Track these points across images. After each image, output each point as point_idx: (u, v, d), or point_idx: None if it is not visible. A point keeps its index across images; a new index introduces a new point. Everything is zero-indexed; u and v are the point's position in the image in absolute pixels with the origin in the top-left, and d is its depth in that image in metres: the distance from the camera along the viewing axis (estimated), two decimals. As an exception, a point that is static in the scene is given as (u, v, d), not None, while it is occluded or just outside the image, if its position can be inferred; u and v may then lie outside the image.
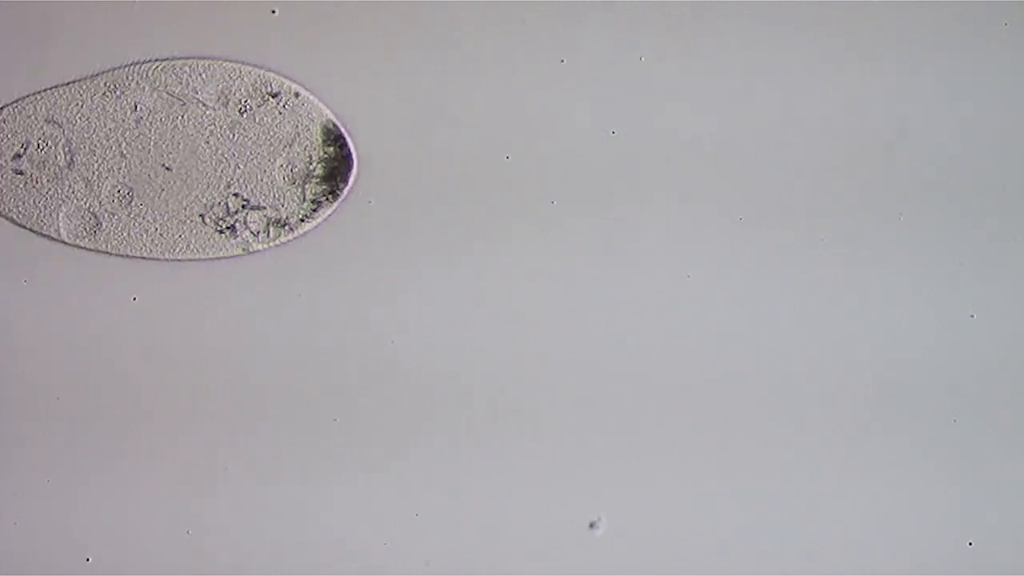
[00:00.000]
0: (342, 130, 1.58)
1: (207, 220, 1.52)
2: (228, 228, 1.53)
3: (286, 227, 1.54)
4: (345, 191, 1.58)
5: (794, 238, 1.61)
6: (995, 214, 1.61)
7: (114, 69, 1.58)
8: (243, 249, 1.54)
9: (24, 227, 1.58)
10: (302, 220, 1.57)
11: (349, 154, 1.59)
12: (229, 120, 1.55)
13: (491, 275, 1.62)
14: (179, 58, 1.58)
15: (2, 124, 1.59)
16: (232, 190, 1.52)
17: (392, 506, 1.61)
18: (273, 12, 1.58)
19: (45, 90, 1.59)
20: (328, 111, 1.59)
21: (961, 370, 1.61)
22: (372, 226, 1.60)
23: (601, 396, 1.61)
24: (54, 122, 1.53)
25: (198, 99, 1.49)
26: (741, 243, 1.61)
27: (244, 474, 1.61)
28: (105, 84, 1.55)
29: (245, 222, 1.52)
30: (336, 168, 1.57)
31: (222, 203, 1.51)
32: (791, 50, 1.62)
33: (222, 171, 1.56)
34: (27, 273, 1.60)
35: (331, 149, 1.56)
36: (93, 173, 1.56)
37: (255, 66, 1.58)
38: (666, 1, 1.62)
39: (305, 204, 1.55)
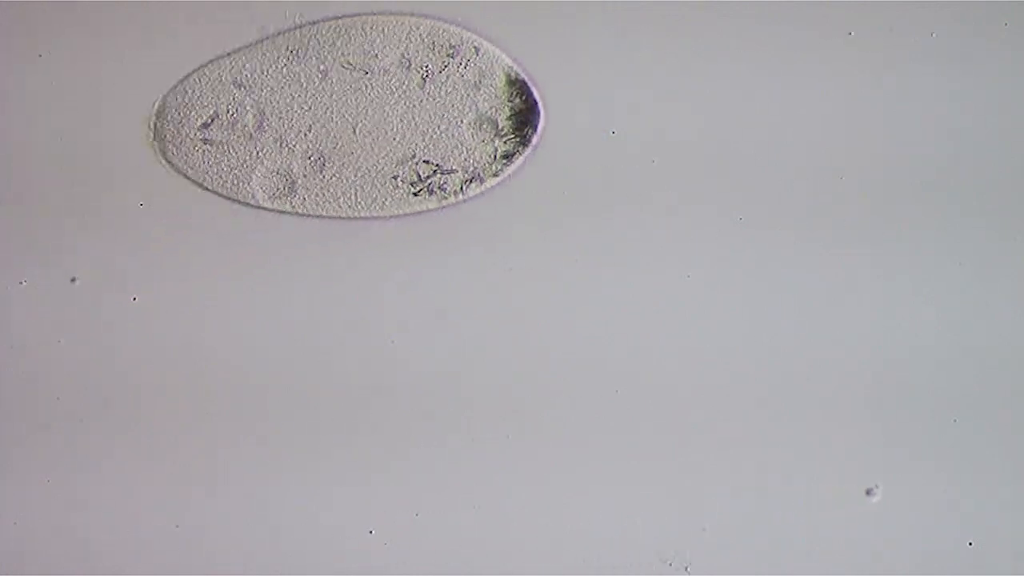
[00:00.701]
0: (525, 79, 1.57)
1: (399, 183, 1.51)
2: (422, 191, 1.53)
3: (476, 181, 1.53)
4: (534, 140, 1.57)
5: (794, 238, 1.61)
6: (995, 214, 1.61)
7: (292, 29, 1.58)
8: (439, 203, 1.54)
9: (218, 194, 1.58)
10: (494, 175, 1.56)
11: (535, 103, 1.59)
12: (412, 85, 1.54)
13: (490, 274, 1.62)
14: (356, 15, 1.58)
15: (190, 91, 1.59)
16: (422, 157, 1.52)
17: (392, 506, 1.61)
18: None
19: (228, 54, 1.59)
20: (509, 61, 1.58)
21: (961, 370, 1.61)
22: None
23: (601, 397, 1.61)
24: (242, 86, 1.53)
25: (381, 67, 1.48)
26: (741, 243, 1.61)
27: (244, 474, 1.61)
28: (288, 48, 1.54)
29: (440, 186, 1.51)
30: (524, 119, 1.56)
31: (412, 170, 1.51)
32: (791, 50, 1.62)
33: (409, 137, 1.55)
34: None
35: (517, 100, 1.55)
36: (283, 136, 1.55)
37: (432, 18, 1.57)
38: (668, 1, 1.62)
39: (496, 162, 1.54)
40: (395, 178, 1.52)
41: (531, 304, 1.62)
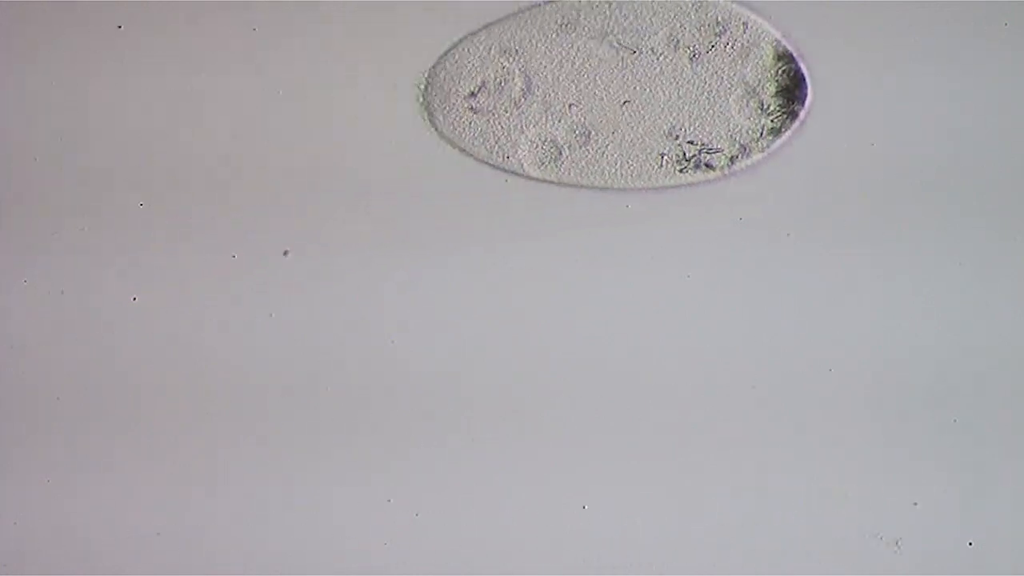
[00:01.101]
0: (793, 53, 1.56)
1: (665, 162, 1.51)
2: (687, 170, 1.52)
3: (743, 156, 1.52)
4: (801, 114, 1.56)
5: (794, 238, 1.61)
6: (995, 214, 1.61)
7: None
8: (703, 175, 1.53)
9: (486, 162, 1.58)
10: (761, 151, 1.55)
11: (803, 77, 1.58)
12: (679, 63, 1.53)
13: (491, 274, 1.62)
14: None
15: (459, 59, 1.59)
16: (686, 137, 1.51)
17: (392, 506, 1.61)
18: None
19: (497, 23, 1.59)
20: (777, 33, 1.58)
21: (961, 370, 1.61)
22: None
23: (600, 396, 1.61)
24: (510, 53, 1.53)
25: (649, 47, 1.47)
26: (741, 243, 1.61)
27: (244, 474, 1.61)
28: (558, 21, 1.54)
29: (706, 163, 1.50)
30: (792, 94, 1.55)
31: (678, 148, 1.50)
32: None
33: (675, 115, 1.55)
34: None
35: (784, 76, 1.54)
36: (549, 106, 1.55)
37: None
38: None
39: (763, 139, 1.53)
40: (662, 156, 1.51)
41: (533, 304, 1.62)
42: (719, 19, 1.55)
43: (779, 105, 1.55)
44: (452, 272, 1.61)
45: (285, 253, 1.56)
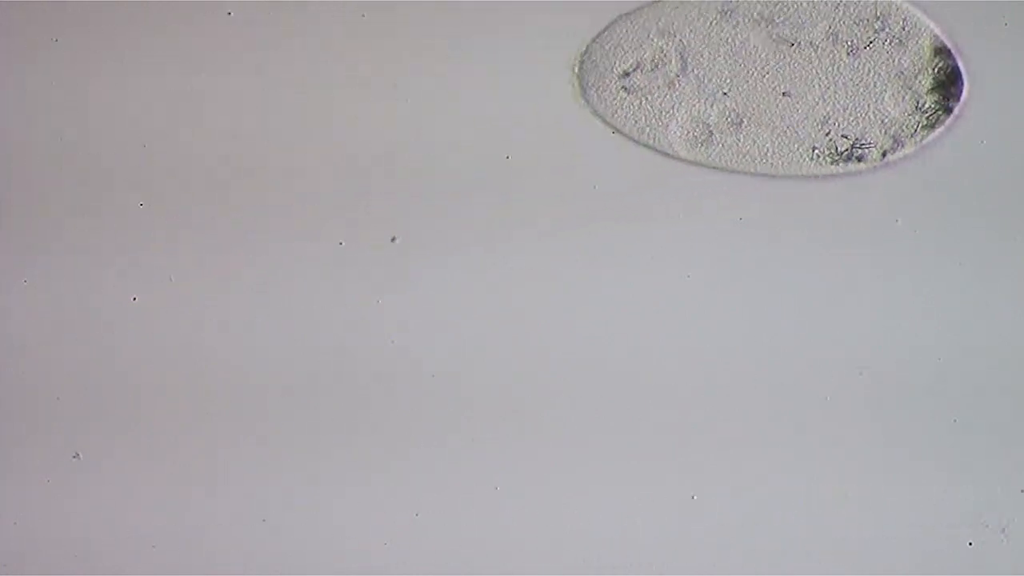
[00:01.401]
0: (951, 47, 1.56)
1: (816, 155, 1.50)
2: (839, 163, 1.52)
3: (897, 149, 1.52)
4: (957, 109, 1.55)
5: (793, 238, 1.61)
6: (995, 214, 1.61)
7: None
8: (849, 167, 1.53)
9: (634, 140, 1.57)
10: (915, 145, 1.55)
11: (959, 73, 1.57)
12: (837, 57, 1.53)
13: (491, 275, 1.62)
14: None
15: (616, 39, 1.59)
16: (840, 131, 1.50)
17: (392, 506, 1.61)
18: None
19: (656, 2, 1.59)
20: (936, 27, 1.57)
21: (961, 370, 1.61)
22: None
23: (600, 396, 1.61)
24: (668, 35, 1.52)
25: (808, 40, 1.47)
26: (741, 243, 1.61)
27: (244, 474, 1.61)
28: (720, 7, 1.53)
29: (858, 158, 1.50)
30: (948, 91, 1.55)
31: (831, 142, 1.49)
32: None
33: (829, 109, 1.55)
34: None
35: (940, 72, 1.53)
36: (703, 89, 1.55)
37: None
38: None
39: (918, 133, 1.52)
40: (813, 149, 1.51)
41: (533, 303, 1.62)
42: (879, 14, 1.54)
43: (934, 100, 1.54)
44: (432, 269, 1.62)
45: (393, 239, 1.55)
